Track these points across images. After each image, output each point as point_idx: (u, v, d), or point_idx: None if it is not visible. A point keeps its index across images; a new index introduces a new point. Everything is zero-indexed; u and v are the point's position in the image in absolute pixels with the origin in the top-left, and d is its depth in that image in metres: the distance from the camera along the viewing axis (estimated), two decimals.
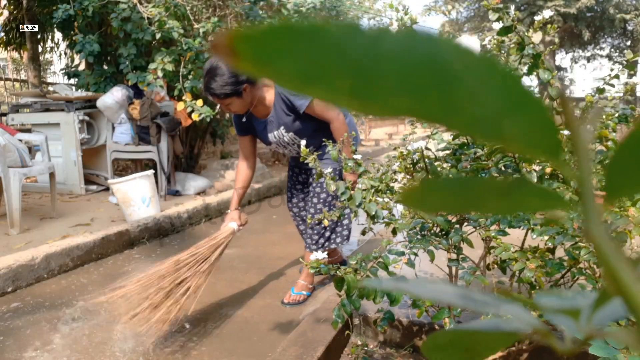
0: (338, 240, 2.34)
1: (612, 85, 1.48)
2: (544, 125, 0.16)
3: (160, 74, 4.18)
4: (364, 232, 1.53)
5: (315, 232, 2.30)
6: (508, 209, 0.20)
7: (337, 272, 1.22)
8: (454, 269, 1.54)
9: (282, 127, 2.19)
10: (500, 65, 0.15)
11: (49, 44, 7.24)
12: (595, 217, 0.17)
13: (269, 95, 2.15)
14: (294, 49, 0.15)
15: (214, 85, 1.99)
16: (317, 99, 0.16)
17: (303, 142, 1.65)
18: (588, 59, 16.72)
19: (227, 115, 8.25)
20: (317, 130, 2.19)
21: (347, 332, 1.77)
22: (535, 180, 1.26)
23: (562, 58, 17.72)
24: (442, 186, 0.18)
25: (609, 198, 0.17)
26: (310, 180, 2.37)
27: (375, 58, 0.15)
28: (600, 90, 1.49)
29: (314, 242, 2.30)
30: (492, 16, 1.32)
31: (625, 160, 0.17)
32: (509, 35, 1.34)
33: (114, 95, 4.29)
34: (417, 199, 0.18)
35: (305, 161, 1.71)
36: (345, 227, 2.36)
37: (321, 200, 2.27)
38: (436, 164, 1.51)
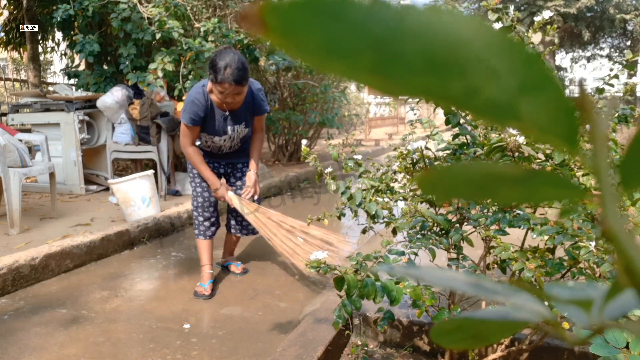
0: None
1: (612, 85, 1.48)
2: (561, 110, 0.16)
3: (160, 74, 4.18)
4: (364, 232, 1.54)
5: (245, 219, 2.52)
6: (523, 197, 0.20)
7: (339, 271, 1.23)
8: (454, 268, 1.54)
9: (243, 123, 2.36)
10: (521, 46, 0.15)
11: (49, 44, 7.24)
12: (613, 207, 0.16)
13: (243, 93, 2.23)
14: (320, 22, 0.15)
15: (239, 73, 2.09)
16: (339, 74, 0.16)
17: (304, 142, 1.64)
18: (588, 59, 16.71)
19: None
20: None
21: (347, 332, 1.77)
22: None
23: (562, 58, 17.70)
24: (456, 172, 0.18)
25: (625, 186, 0.17)
26: (238, 174, 2.55)
27: (399, 34, 0.15)
28: (600, 90, 1.49)
29: (243, 227, 2.60)
30: (492, 16, 1.32)
31: (637, 156, 0.16)
32: (509, 35, 1.34)
33: (114, 95, 4.29)
34: (432, 184, 0.18)
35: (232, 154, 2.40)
36: None
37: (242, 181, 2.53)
38: (436, 164, 1.51)
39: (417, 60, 0.15)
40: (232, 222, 2.66)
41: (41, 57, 7.22)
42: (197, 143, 2.43)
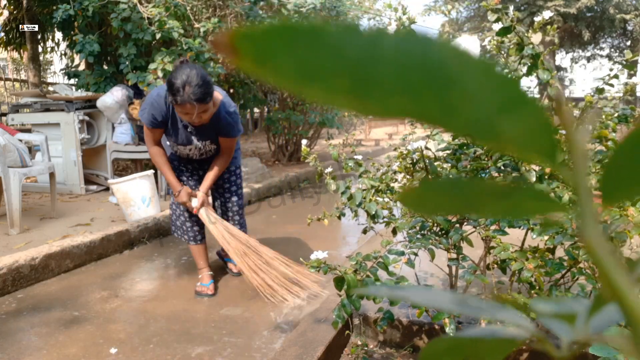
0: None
1: (612, 85, 1.48)
2: (540, 127, 0.16)
3: (160, 74, 4.18)
4: (364, 232, 1.54)
5: (240, 217, 2.57)
6: (506, 211, 0.20)
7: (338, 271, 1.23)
8: (454, 268, 1.54)
9: (208, 140, 2.25)
10: (496, 68, 0.16)
11: (49, 44, 7.24)
12: (590, 219, 0.17)
13: (210, 110, 2.09)
14: (293, 48, 0.15)
15: (200, 90, 1.92)
16: (315, 99, 0.16)
17: (304, 142, 1.65)
18: (588, 59, 16.72)
19: None
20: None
21: (347, 332, 1.77)
22: (534, 179, 1.26)
23: (562, 58, 17.71)
24: (440, 187, 0.18)
25: (606, 199, 0.17)
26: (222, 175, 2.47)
27: (373, 59, 0.15)
28: (599, 91, 1.49)
29: (242, 225, 2.56)
30: (491, 17, 1.32)
31: (623, 161, 0.17)
32: (509, 35, 1.34)
33: (114, 95, 4.29)
34: (416, 200, 0.18)
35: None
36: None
37: (237, 185, 2.53)
38: (436, 164, 1.51)
39: (393, 82, 0.15)
40: None
41: (41, 57, 7.22)
42: (168, 144, 2.36)
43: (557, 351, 0.20)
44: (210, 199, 2.56)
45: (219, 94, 2.19)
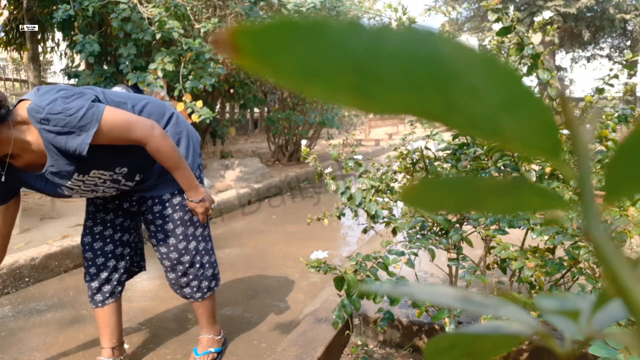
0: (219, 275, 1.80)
1: (612, 85, 1.48)
2: (543, 124, 0.16)
3: (160, 74, 4.18)
4: (364, 232, 1.54)
5: (192, 276, 1.67)
6: (508, 208, 0.20)
7: (338, 271, 1.23)
8: (454, 268, 1.54)
9: (75, 174, 1.44)
10: (500, 64, 0.15)
11: (49, 44, 7.24)
12: (594, 217, 0.17)
13: (33, 137, 1.38)
14: (295, 45, 0.15)
15: None
16: (318, 97, 0.16)
17: (304, 142, 1.64)
18: (588, 59, 16.74)
19: (227, 114, 8.24)
20: (137, 149, 1.51)
21: (347, 332, 1.77)
22: (534, 179, 1.26)
23: (562, 58, 17.74)
24: (442, 185, 0.18)
25: (609, 198, 0.17)
26: (147, 207, 1.64)
27: (377, 55, 0.15)
28: (599, 90, 1.49)
29: (195, 289, 1.70)
30: (491, 17, 1.32)
31: (626, 160, 0.17)
32: (509, 35, 1.34)
33: None
34: (417, 197, 0.18)
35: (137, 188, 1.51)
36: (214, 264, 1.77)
37: (179, 224, 1.63)
38: (436, 164, 1.51)
39: (396, 79, 0.15)
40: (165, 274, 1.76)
41: (41, 57, 7.22)
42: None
43: (560, 348, 0.20)
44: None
45: (25, 102, 1.37)
